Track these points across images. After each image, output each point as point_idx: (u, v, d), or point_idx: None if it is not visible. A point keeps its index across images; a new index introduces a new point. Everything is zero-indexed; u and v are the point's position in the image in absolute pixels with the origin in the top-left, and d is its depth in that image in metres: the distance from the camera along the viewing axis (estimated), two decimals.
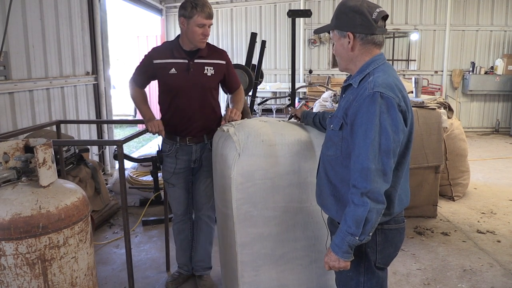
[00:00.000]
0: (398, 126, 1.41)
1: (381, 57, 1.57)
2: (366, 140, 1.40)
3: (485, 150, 7.17)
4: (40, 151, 1.71)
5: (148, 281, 2.93)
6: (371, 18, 1.50)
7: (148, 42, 9.14)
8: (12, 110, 3.71)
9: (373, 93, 1.42)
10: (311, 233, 2.07)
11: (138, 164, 4.71)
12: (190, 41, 2.35)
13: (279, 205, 2.00)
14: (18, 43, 3.81)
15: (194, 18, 2.26)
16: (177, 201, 2.71)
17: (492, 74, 8.56)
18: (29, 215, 1.64)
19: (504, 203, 4.47)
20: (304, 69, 8.79)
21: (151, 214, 4.16)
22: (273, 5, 8.72)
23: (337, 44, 1.60)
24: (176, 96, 2.44)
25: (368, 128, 1.40)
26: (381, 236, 1.56)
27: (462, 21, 8.68)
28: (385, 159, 1.40)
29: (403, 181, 1.57)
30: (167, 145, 2.57)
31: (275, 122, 2.21)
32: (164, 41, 2.49)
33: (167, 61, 2.39)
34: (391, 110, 1.41)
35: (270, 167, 1.97)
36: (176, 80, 2.40)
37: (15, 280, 1.66)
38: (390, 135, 1.40)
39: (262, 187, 1.97)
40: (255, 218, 1.99)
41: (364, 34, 1.52)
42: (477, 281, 2.92)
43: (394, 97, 1.42)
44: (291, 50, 4.52)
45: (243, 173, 1.95)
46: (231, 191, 1.96)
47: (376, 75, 1.49)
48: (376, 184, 1.39)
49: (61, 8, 4.56)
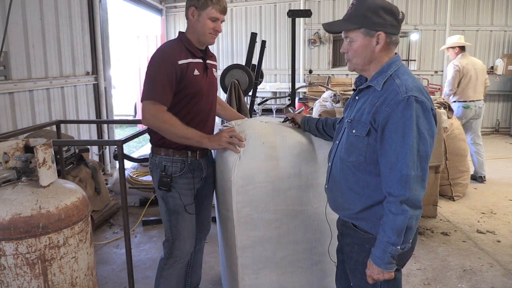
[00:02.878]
0: (434, 130, 1.40)
1: (399, 58, 1.54)
2: (404, 146, 1.36)
3: (485, 150, 7.15)
4: (40, 151, 1.71)
5: (148, 281, 2.93)
6: (398, 18, 1.48)
7: (148, 42, 9.13)
8: (12, 110, 3.71)
9: (407, 97, 1.37)
10: (312, 236, 2.05)
11: (138, 164, 4.71)
12: (198, 36, 2.03)
13: (280, 208, 1.98)
14: (18, 43, 3.81)
15: (207, 10, 1.96)
16: (191, 233, 2.18)
17: (492, 74, 8.56)
18: (29, 215, 1.64)
19: (504, 203, 4.47)
20: (304, 69, 8.80)
21: (151, 214, 4.16)
22: (273, 5, 8.72)
23: (359, 43, 1.50)
24: (196, 102, 2.07)
25: (406, 133, 1.36)
26: None
27: (462, 21, 8.68)
28: (424, 164, 1.39)
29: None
30: (177, 163, 2.07)
31: (276, 123, 2.20)
32: (169, 40, 2.13)
33: (189, 60, 2.01)
34: (427, 114, 1.39)
35: (270, 170, 1.94)
36: (200, 83, 2.05)
37: (15, 280, 1.66)
38: (427, 140, 1.38)
39: (263, 190, 1.94)
40: (255, 221, 1.97)
41: (394, 35, 1.49)
42: (477, 281, 2.92)
43: (426, 100, 1.40)
44: (291, 50, 4.54)
45: (244, 176, 1.92)
46: (231, 194, 1.93)
47: (403, 77, 1.45)
48: (415, 191, 1.37)
49: (61, 8, 4.56)
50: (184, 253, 2.18)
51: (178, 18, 9.01)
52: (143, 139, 8.09)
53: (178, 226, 2.12)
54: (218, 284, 2.87)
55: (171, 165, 2.07)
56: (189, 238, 2.17)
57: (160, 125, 1.93)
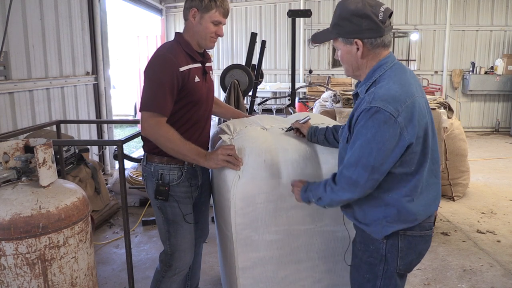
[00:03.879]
0: (386, 144, 1.35)
1: (388, 60, 1.47)
2: (355, 151, 1.40)
3: (485, 150, 7.17)
4: (40, 151, 1.71)
5: (148, 281, 2.91)
6: (378, 19, 1.39)
7: (148, 42, 9.13)
8: (12, 110, 3.71)
9: (370, 107, 1.36)
10: (315, 255, 1.95)
11: (138, 164, 4.70)
12: (198, 39, 1.93)
13: (282, 229, 1.88)
14: (18, 43, 3.81)
15: (211, 12, 1.86)
16: (191, 243, 2.08)
17: (492, 74, 8.57)
18: (29, 215, 1.64)
19: (504, 203, 4.47)
20: (304, 69, 8.80)
21: (151, 214, 4.16)
22: (273, 5, 8.73)
23: (343, 52, 1.49)
24: (196, 110, 1.97)
25: (362, 143, 1.39)
26: (404, 242, 1.52)
27: (462, 21, 8.69)
28: (362, 171, 1.39)
29: (426, 187, 1.50)
30: (174, 171, 1.97)
31: (278, 132, 2.06)
32: (167, 43, 1.99)
33: (190, 66, 1.90)
34: (385, 127, 1.34)
35: (272, 189, 1.82)
36: (200, 90, 1.95)
37: (15, 280, 1.66)
38: (373, 152, 1.36)
39: (264, 210, 1.83)
40: (256, 242, 1.87)
41: (373, 38, 1.42)
42: (477, 281, 2.92)
43: (393, 111, 1.33)
44: (291, 50, 4.54)
45: (244, 197, 1.79)
46: (230, 215, 1.83)
47: (380, 84, 1.42)
48: (343, 192, 1.47)
49: (61, 8, 4.56)
50: (185, 265, 2.08)
51: (178, 18, 9.01)
52: None
53: (178, 236, 2.01)
54: (218, 284, 2.87)
55: (168, 173, 1.96)
56: (189, 249, 2.07)
57: (157, 137, 1.83)
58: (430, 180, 1.51)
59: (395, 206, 1.47)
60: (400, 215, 1.47)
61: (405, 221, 1.48)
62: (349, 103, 4.25)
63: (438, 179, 1.56)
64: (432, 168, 1.51)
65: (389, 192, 1.47)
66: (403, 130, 1.35)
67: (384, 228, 1.50)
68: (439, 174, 1.57)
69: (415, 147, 1.41)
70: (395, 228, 1.49)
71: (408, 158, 1.42)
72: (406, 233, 1.51)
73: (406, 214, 1.47)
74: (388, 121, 1.33)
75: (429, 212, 1.52)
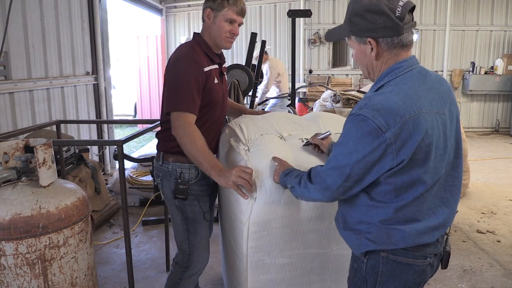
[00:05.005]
0: (366, 157, 1.22)
1: (404, 64, 1.28)
2: (336, 156, 1.30)
3: (485, 150, 7.16)
4: (40, 151, 1.71)
5: (148, 281, 2.93)
6: (395, 16, 1.22)
7: (148, 42, 9.14)
8: (12, 110, 3.72)
9: (358, 113, 1.22)
10: (328, 277, 1.87)
11: (138, 164, 4.71)
12: (214, 39, 1.93)
13: (296, 252, 1.79)
14: (18, 43, 3.81)
15: (223, 11, 1.86)
16: (208, 241, 2.10)
17: (492, 74, 8.57)
18: (29, 215, 1.64)
19: (504, 203, 4.47)
20: (304, 69, 8.79)
21: (151, 214, 4.16)
22: (273, 5, 8.72)
23: (357, 51, 1.35)
24: (213, 112, 1.99)
25: (342, 150, 1.28)
26: (385, 267, 1.33)
27: (462, 21, 8.69)
28: (337, 177, 1.29)
29: (425, 214, 1.30)
30: (192, 170, 1.97)
31: (297, 145, 1.90)
32: (187, 43, 1.98)
33: (210, 67, 1.92)
34: (366, 139, 1.20)
35: (289, 215, 1.71)
36: (218, 91, 1.97)
37: (15, 280, 1.66)
38: (351, 162, 1.24)
39: (279, 235, 1.73)
40: (268, 265, 1.78)
41: (389, 38, 1.26)
42: (477, 281, 2.92)
43: (382, 124, 1.17)
44: (291, 50, 4.53)
45: (259, 221, 1.68)
46: (242, 237, 1.74)
47: (381, 91, 1.27)
48: (314, 192, 1.40)
49: (61, 8, 4.56)
50: (203, 263, 2.07)
51: (178, 18, 9.01)
52: (143, 139, 8.09)
53: (197, 235, 2.01)
54: (218, 284, 2.87)
55: (187, 171, 1.96)
56: (207, 247, 2.08)
57: (182, 137, 1.80)
58: (435, 209, 1.32)
59: (378, 222, 1.31)
60: (380, 234, 1.31)
61: (385, 243, 1.30)
62: (349, 103, 4.26)
63: (449, 208, 1.36)
64: (442, 195, 1.33)
65: (377, 203, 1.31)
66: (389, 148, 1.19)
67: (362, 243, 1.34)
68: (452, 204, 1.37)
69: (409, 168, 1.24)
70: (372, 247, 1.32)
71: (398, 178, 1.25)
72: (388, 255, 1.32)
73: (386, 235, 1.30)
74: (372, 133, 1.19)
75: (418, 241, 1.30)
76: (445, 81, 1.38)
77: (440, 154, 1.27)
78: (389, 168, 1.23)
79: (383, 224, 1.30)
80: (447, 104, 1.31)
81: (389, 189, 1.27)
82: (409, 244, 1.30)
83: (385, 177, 1.26)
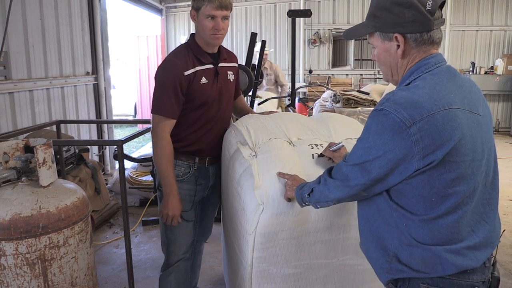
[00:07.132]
0: (387, 154, 1.10)
1: (431, 61, 1.16)
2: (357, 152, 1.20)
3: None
4: (40, 151, 1.71)
5: (148, 281, 2.93)
6: (425, 10, 1.11)
7: (148, 42, 9.14)
8: (12, 110, 3.72)
9: (380, 109, 1.11)
10: (333, 286, 1.85)
11: (138, 164, 4.71)
12: (203, 38, 1.95)
13: (302, 263, 1.76)
14: (18, 43, 3.81)
15: (202, 9, 1.87)
16: (186, 239, 2.14)
17: (492, 74, 8.57)
18: (29, 215, 1.64)
19: (504, 203, 4.47)
20: (304, 69, 8.80)
21: (151, 214, 4.16)
22: (273, 5, 8.73)
23: (380, 50, 1.22)
24: (205, 110, 2.01)
25: (363, 145, 1.18)
26: None
27: (462, 21, 8.69)
28: (356, 170, 1.19)
29: (459, 220, 1.13)
30: (180, 167, 2.04)
31: (307, 152, 1.83)
32: (178, 47, 2.05)
33: (196, 69, 1.94)
34: (386, 135, 1.09)
35: (298, 226, 1.66)
36: (207, 91, 1.98)
37: (15, 280, 1.66)
38: (371, 157, 1.14)
39: (286, 246, 1.70)
40: (273, 275, 1.76)
41: (418, 34, 1.14)
42: None
43: (406, 118, 1.06)
44: (291, 50, 4.53)
45: (265, 232, 1.64)
46: (247, 246, 1.71)
47: (410, 87, 1.15)
48: (334, 189, 1.28)
49: (61, 8, 4.56)
50: (175, 259, 2.13)
51: (178, 18, 9.02)
52: (143, 139, 8.09)
53: (174, 230, 2.07)
54: (218, 284, 2.87)
55: (177, 168, 2.03)
56: (184, 245, 2.12)
57: (154, 139, 1.94)
58: (475, 226, 1.19)
59: (410, 237, 1.15)
60: (414, 256, 1.15)
61: (422, 270, 1.15)
62: (349, 103, 4.26)
63: (489, 224, 1.24)
64: (480, 210, 1.20)
65: (406, 213, 1.16)
66: (415, 146, 1.06)
67: (393, 266, 1.18)
68: (492, 220, 1.26)
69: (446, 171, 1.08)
70: (406, 274, 1.16)
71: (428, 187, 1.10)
72: (429, 287, 1.16)
73: (421, 258, 1.14)
74: (394, 128, 1.07)
75: (461, 266, 1.12)
76: (474, 83, 1.26)
77: (478, 159, 1.13)
78: (415, 169, 1.09)
79: (416, 242, 1.14)
80: (480, 105, 1.18)
81: (417, 195, 1.13)
82: (451, 271, 1.12)
83: (411, 181, 1.12)
